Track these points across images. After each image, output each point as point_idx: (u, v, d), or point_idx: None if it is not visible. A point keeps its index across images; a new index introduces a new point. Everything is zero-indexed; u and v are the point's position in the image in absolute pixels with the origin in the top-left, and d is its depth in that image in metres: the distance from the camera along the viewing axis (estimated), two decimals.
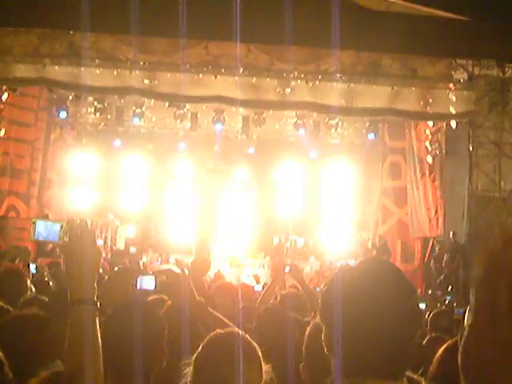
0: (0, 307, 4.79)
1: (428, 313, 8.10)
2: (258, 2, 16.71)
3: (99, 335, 2.67)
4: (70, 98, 22.35)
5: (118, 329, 2.99)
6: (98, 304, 2.70)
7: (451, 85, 20.01)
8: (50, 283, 8.32)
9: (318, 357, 2.73)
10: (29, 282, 6.70)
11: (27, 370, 2.84)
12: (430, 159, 22.55)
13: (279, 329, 4.81)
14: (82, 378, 2.60)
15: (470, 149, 20.25)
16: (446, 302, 14.44)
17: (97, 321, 2.66)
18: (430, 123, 22.21)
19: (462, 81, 19.92)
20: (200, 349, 2.83)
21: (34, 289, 6.65)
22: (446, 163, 21.97)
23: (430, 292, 20.00)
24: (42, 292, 6.42)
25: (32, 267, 10.42)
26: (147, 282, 3.91)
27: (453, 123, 20.80)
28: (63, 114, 22.57)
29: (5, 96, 21.30)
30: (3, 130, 21.51)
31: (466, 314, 1.39)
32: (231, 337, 2.88)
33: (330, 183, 26.97)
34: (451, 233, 20.69)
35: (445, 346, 3.96)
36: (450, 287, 19.58)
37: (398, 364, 2.19)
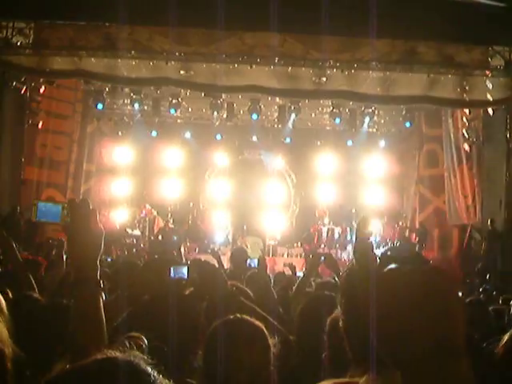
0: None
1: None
2: None
3: (103, 313, 2.71)
4: (107, 89, 22.54)
5: (154, 317, 3.05)
6: (101, 283, 2.74)
7: (488, 71, 19.80)
8: None
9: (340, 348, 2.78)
10: None
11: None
12: (467, 147, 22.35)
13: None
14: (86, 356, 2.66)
15: (508, 136, 20.08)
16: (481, 289, 14.25)
17: (100, 299, 2.70)
18: (467, 110, 22.04)
19: (498, 67, 19.71)
20: (207, 336, 2.91)
21: None
22: (483, 150, 21.75)
23: (468, 280, 19.83)
24: None
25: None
26: (180, 272, 3.97)
27: (490, 110, 20.62)
28: (100, 106, 22.76)
29: (42, 89, 21.59)
30: (41, 123, 21.78)
31: None
32: (234, 322, 2.97)
33: (367, 172, 26.90)
34: (489, 220, 20.48)
35: None
36: (488, 275, 19.37)
37: None
